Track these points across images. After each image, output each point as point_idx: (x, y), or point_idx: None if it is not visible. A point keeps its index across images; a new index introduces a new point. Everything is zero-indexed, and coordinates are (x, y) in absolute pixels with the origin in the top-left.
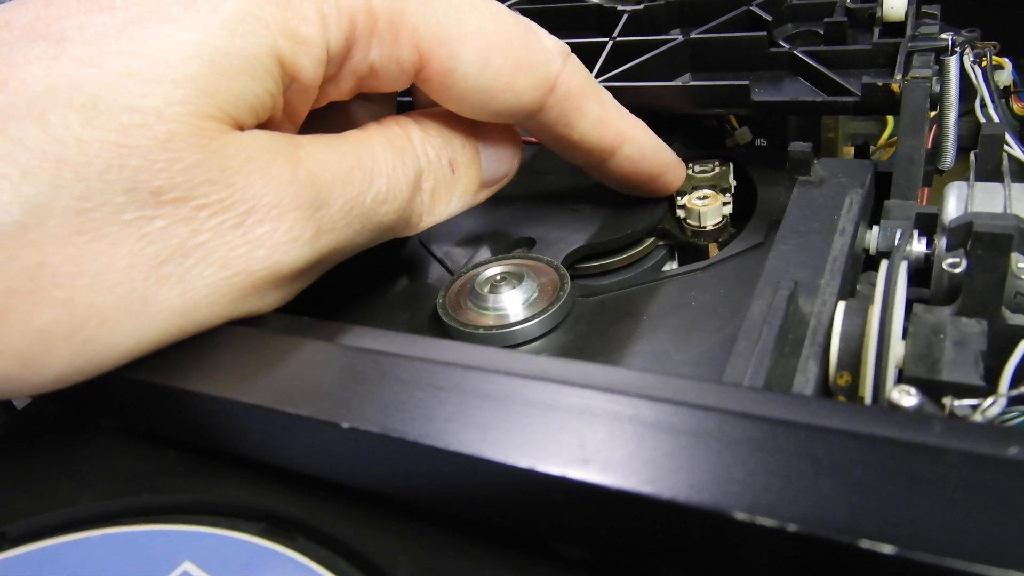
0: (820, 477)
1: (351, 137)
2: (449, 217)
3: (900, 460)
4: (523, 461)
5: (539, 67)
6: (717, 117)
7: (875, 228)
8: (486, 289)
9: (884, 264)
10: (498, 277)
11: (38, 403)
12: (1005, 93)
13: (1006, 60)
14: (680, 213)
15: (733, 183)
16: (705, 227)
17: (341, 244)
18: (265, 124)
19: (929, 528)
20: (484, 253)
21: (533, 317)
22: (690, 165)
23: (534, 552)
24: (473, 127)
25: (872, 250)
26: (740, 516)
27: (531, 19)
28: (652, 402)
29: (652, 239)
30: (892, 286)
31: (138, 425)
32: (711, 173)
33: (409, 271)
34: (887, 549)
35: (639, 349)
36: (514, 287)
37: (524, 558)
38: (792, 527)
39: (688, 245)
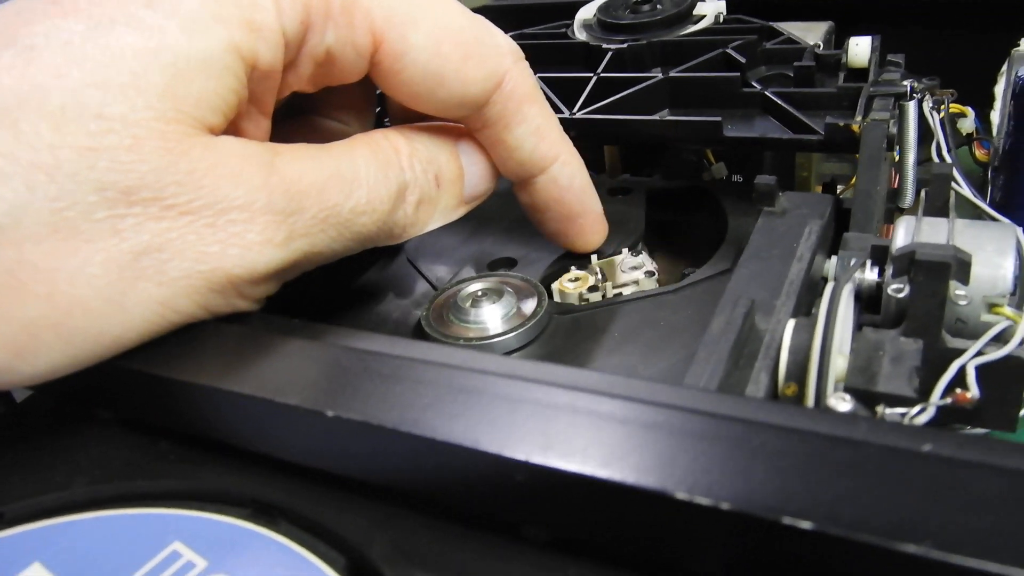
0: (754, 464)
1: (334, 148)
2: (431, 229)
3: (826, 451)
4: (491, 447)
5: (488, 60)
6: (696, 152)
7: (833, 257)
8: (468, 304)
9: (829, 286)
10: (479, 293)
11: (37, 396)
12: (968, 140)
13: (968, 109)
14: (554, 286)
15: (633, 278)
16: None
17: (317, 249)
18: (234, 119)
19: (844, 508)
20: (468, 271)
21: (511, 331)
22: (626, 249)
23: (500, 533)
24: (457, 143)
25: (830, 278)
26: (680, 495)
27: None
28: (609, 398)
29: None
30: (834, 304)
31: (132, 416)
32: (632, 261)
33: (397, 286)
34: (805, 524)
35: (609, 363)
36: (494, 302)
37: (491, 538)
38: (725, 505)
39: None
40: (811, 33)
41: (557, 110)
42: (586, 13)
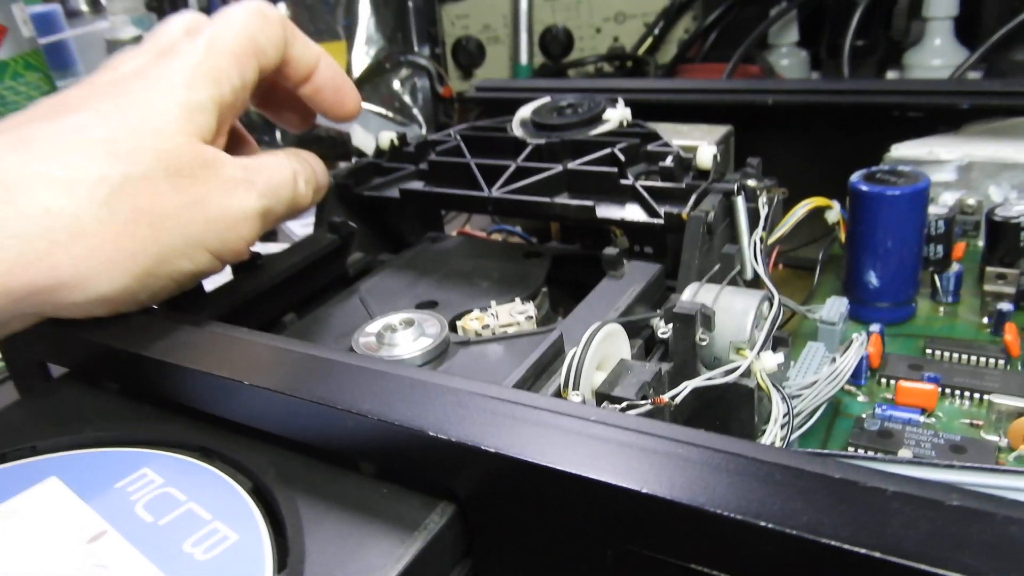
0: (506, 422)
1: (264, 156)
2: (313, 204)
3: (539, 416)
4: (344, 405)
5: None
6: (606, 230)
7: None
8: (387, 331)
9: (594, 325)
10: (398, 322)
11: (68, 375)
12: (832, 228)
13: (834, 202)
14: (459, 323)
15: (516, 320)
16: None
17: (271, 207)
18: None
19: (536, 449)
20: (404, 306)
21: (415, 351)
22: (518, 298)
23: (345, 466)
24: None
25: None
26: (440, 437)
27: (469, 145)
28: (433, 385)
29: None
30: (591, 335)
31: (127, 387)
32: (519, 308)
33: (347, 317)
34: (530, 459)
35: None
36: (407, 329)
37: (339, 470)
38: (488, 448)
39: None
40: (710, 135)
41: (478, 189)
42: (524, 112)
